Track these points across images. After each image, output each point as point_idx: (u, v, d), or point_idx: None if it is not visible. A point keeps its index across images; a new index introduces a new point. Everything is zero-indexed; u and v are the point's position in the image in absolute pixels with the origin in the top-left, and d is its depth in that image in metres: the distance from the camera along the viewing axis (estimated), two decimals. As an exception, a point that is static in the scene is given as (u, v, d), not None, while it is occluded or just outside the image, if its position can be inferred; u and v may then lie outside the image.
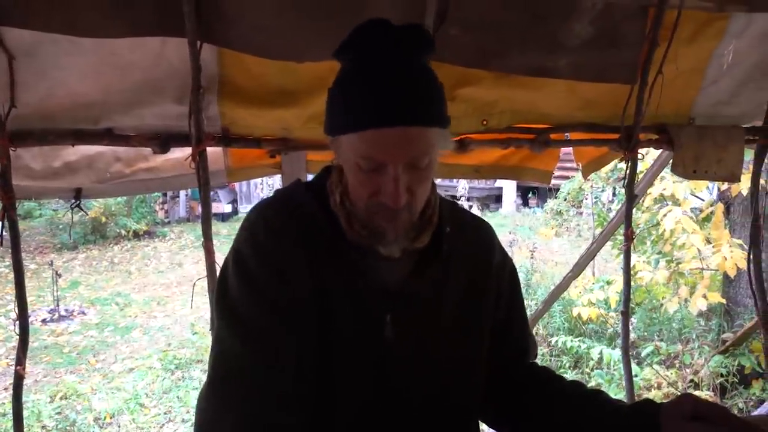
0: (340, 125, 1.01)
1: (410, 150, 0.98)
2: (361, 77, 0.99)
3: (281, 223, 1.08)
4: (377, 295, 1.10)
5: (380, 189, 1.01)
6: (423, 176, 1.03)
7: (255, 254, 1.06)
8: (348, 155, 1.02)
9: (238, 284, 1.05)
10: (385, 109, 0.95)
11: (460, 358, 1.16)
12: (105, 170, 2.14)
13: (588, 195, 7.10)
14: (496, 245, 1.27)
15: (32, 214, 12.20)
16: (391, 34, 1.00)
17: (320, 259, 1.07)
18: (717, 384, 4.54)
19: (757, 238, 2.72)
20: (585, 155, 2.62)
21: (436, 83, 1.03)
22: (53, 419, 4.71)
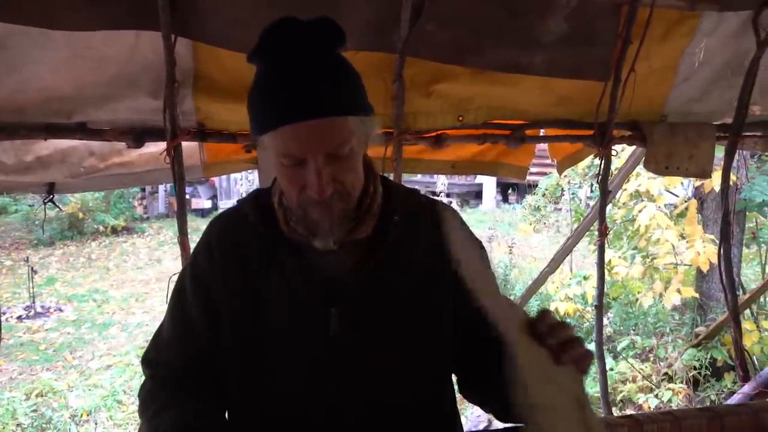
0: (257, 126, 1.03)
1: (325, 142, 1.00)
2: (270, 77, 1.01)
3: (218, 239, 1.18)
4: (320, 289, 1.11)
5: (306, 184, 1.02)
6: (348, 165, 1.04)
7: (191, 265, 1.21)
8: (271, 154, 1.05)
9: (175, 287, 1.23)
10: (293, 104, 0.97)
11: (414, 346, 1.14)
12: (78, 165, 2.12)
13: (565, 191, 7.17)
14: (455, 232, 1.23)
15: (7, 209, 11.99)
16: (298, 31, 1.01)
17: (257, 265, 1.13)
18: (690, 377, 4.62)
19: (728, 233, 2.78)
20: (560, 151, 2.65)
21: (349, 72, 1.04)
22: (29, 417, 4.65)
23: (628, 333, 5.47)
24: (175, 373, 1.19)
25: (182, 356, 1.19)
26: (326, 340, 1.10)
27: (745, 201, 4.61)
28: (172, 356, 1.19)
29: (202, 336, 1.17)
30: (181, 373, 1.18)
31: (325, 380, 1.12)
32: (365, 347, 1.12)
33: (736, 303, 2.80)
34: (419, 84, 2.18)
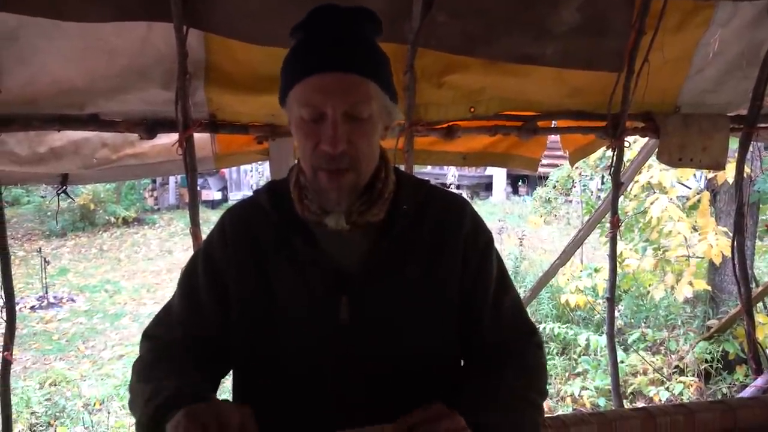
0: (285, 84, 1.08)
1: (347, 96, 1.03)
2: (305, 43, 1.07)
3: (232, 227, 1.20)
4: (331, 278, 1.12)
5: (321, 140, 1.05)
6: (364, 129, 1.06)
7: (204, 250, 1.22)
8: (294, 113, 1.08)
9: (186, 270, 1.24)
10: (323, 56, 1.03)
11: (421, 335, 1.15)
12: (91, 156, 2.13)
13: (576, 183, 7.13)
14: (466, 220, 1.21)
15: (20, 201, 12.08)
16: (341, 13, 1.07)
17: (270, 252, 1.15)
18: (702, 370, 4.60)
19: (741, 225, 2.75)
20: (572, 143, 2.64)
21: (380, 52, 1.10)
22: (42, 405, 4.71)
23: (639, 325, 5.45)
24: (180, 350, 1.18)
25: (190, 336, 1.19)
26: (335, 328, 1.12)
27: (758, 193, 4.57)
28: (180, 335, 1.19)
29: (212, 319, 1.18)
30: (187, 351, 1.18)
31: (334, 367, 1.13)
32: (374, 335, 1.13)
33: (749, 295, 2.78)
34: (431, 75, 2.18)
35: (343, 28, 1.07)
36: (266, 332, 1.15)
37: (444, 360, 1.20)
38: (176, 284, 1.26)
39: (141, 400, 1.06)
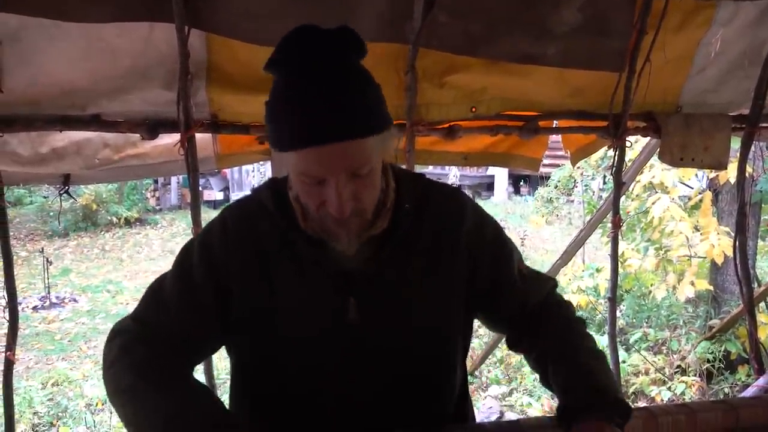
0: (275, 142, 1.02)
1: (346, 163, 0.99)
2: (288, 93, 0.99)
3: (235, 225, 1.16)
4: (337, 280, 1.11)
5: (326, 201, 1.02)
6: (367, 183, 1.04)
7: (201, 252, 1.16)
8: (292, 171, 1.05)
9: (175, 272, 1.17)
10: (313, 127, 0.96)
11: (427, 334, 1.16)
12: (93, 156, 2.14)
13: (578, 183, 7.12)
14: (467, 213, 1.21)
15: (22, 201, 12.09)
16: (317, 42, 0.99)
17: (274, 253, 1.13)
18: (703, 369, 4.59)
19: (743, 225, 2.75)
20: (573, 143, 2.64)
21: (369, 86, 1.02)
22: (45, 405, 4.71)
23: (641, 325, 5.44)
24: (171, 345, 1.12)
25: (185, 331, 1.14)
26: (343, 330, 1.12)
27: (761, 193, 4.56)
28: (174, 328, 1.14)
29: (208, 315, 1.15)
30: (178, 348, 1.13)
31: (341, 369, 1.14)
32: (381, 336, 1.14)
33: (751, 295, 2.78)
34: (432, 75, 2.18)
35: (330, 69, 0.97)
36: (270, 333, 1.14)
37: (447, 356, 1.21)
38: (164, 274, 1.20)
39: (160, 413, 1.02)
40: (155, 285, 1.19)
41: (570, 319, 1.27)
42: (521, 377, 4.85)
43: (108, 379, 1.10)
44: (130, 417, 1.05)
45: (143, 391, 1.05)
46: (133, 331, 1.14)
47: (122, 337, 1.14)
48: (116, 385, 1.08)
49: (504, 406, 4.51)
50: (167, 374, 1.08)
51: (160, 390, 1.05)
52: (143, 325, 1.14)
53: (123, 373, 1.08)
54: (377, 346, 1.14)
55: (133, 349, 1.11)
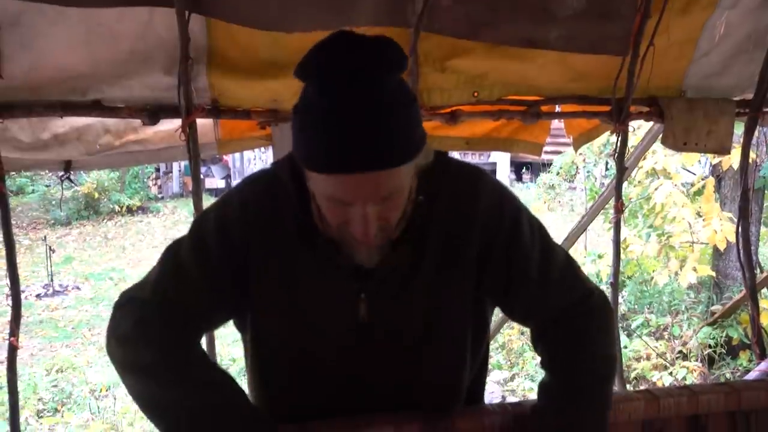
0: (302, 160, 0.96)
1: (377, 192, 0.94)
2: (321, 108, 0.91)
3: (257, 200, 1.11)
4: (350, 275, 1.09)
5: (349, 221, 0.98)
6: (395, 204, 0.99)
7: (218, 228, 1.12)
8: (314, 187, 0.99)
9: (191, 249, 1.12)
10: (346, 154, 0.89)
11: (437, 328, 1.14)
12: (94, 142, 2.13)
13: (580, 169, 7.10)
14: (483, 196, 1.12)
15: (24, 190, 12.12)
16: (356, 53, 0.92)
17: (292, 239, 1.09)
18: (705, 355, 4.61)
19: (746, 210, 2.74)
20: (576, 128, 2.62)
21: (408, 108, 0.95)
22: (49, 392, 4.76)
23: (643, 311, 5.45)
24: (187, 316, 1.09)
25: (200, 302, 1.11)
26: (355, 326, 1.11)
27: (764, 179, 4.55)
28: (190, 298, 1.10)
29: (224, 290, 1.11)
30: (193, 319, 1.11)
31: (351, 361, 1.14)
32: (393, 333, 1.13)
33: (753, 280, 2.77)
34: (434, 59, 2.16)
35: (367, 87, 0.90)
36: (283, 319, 1.13)
37: (459, 350, 1.18)
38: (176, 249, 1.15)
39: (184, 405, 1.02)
40: (171, 251, 1.14)
41: (583, 349, 1.15)
42: (523, 362, 4.88)
43: (122, 351, 1.08)
44: (147, 399, 1.05)
45: (165, 377, 1.04)
46: (148, 300, 1.10)
47: (136, 306, 1.10)
48: (133, 360, 1.06)
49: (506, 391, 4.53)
50: (189, 359, 1.07)
51: (183, 380, 1.04)
52: (159, 294, 1.10)
53: (142, 350, 1.05)
54: (386, 343, 1.13)
55: (150, 322, 1.07)
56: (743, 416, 1.36)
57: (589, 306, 1.17)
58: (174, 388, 1.03)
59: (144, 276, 1.16)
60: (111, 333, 1.10)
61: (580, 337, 1.15)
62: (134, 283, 1.17)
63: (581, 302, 1.16)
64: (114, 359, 1.09)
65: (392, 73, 0.95)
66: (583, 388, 1.13)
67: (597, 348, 1.16)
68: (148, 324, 1.07)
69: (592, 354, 1.15)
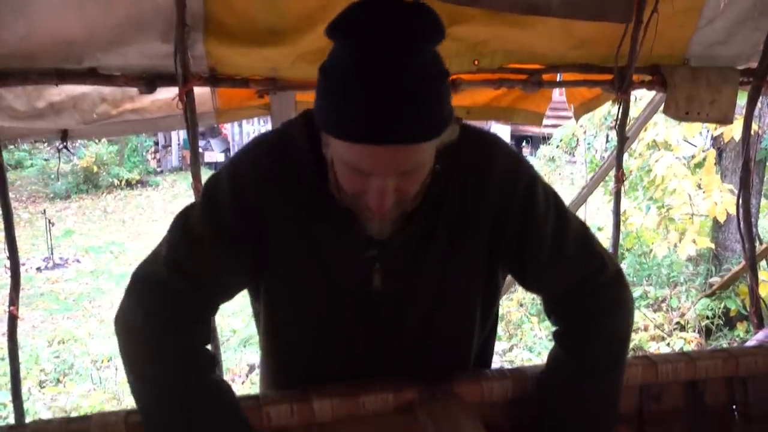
0: (325, 124, 0.93)
1: (400, 165, 0.91)
2: (351, 72, 0.87)
3: (268, 163, 1.06)
4: (365, 245, 1.07)
5: (366, 191, 0.95)
6: (415, 178, 0.96)
7: (231, 189, 1.07)
8: (334, 153, 0.95)
9: (203, 213, 1.08)
10: (374, 124, 0.86)
11: (449, 296, 1.14)
12: (91, 111, 2.11)
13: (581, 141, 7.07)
14: (498, 164, 1.09)
15: (23, 164, 12.07)
16: (393, 18, 0.86)
17: (306, 207, 1.06)
18: (702, 326, 4.64)
19: (748, 181, 2.73)
20: (577, 97, 2.60)
21: (441, 81, 0.92)
22: (51, 362, 4.80)
23: (641, 284, 5.47)
24: (203, 292, 1.07)
25: (217, 273, 1.08)
26: (368, 295, 1.10)
27: (765, 150, 4.53)
28: (206, 271, 1.06)
29: (240, 258, 1.08)
30: (209, 293, 1.09)
31: (364, 331, 1.14)
32: (405, 301, 1.12)
33: (753, 250, 2.77)
34: (434, 26, 2.13)
35: (402, 55, 0.85)
36: (298, 287, 1.12)
37: (470, 318, 1.19)
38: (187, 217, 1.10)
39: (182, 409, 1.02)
40: (181, 219, 1.10)
41: (596, 329, 1.13)
42: (521, 333, 4.91)
43: (129, 349, 1.06)
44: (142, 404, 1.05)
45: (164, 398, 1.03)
46: (162, 279, 1.06)
47: (148, 289, 1.07)
48: (135, 364, 1.06)
49: (504, 362, 4.57)
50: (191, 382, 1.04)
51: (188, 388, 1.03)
52: (172, 269, 1.05)
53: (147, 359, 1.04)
54: (398, 311, 1.13)
55: (161, 316, 1.04)
56: (740, 382, 1.37)
57: (604, 279, 1.13)
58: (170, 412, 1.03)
59: (156, 247, 1.12)
60: (122, 322, 1.08)
61: (594, 314, 1.13)
62: (146, 256, 1.13)
63: (596, 274, 1.13)
64: (121, 352, 1.08)
65: (430, 43, 0.90)
66: (596, 373, 1.13)
67: (610, 328, 1.14)
68: (158, 319, 1.04)
69: (605, 334, 1.14)
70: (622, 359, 1.17)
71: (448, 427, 1.12)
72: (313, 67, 0.98)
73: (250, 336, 4.91)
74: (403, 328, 1.15)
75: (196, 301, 1.07)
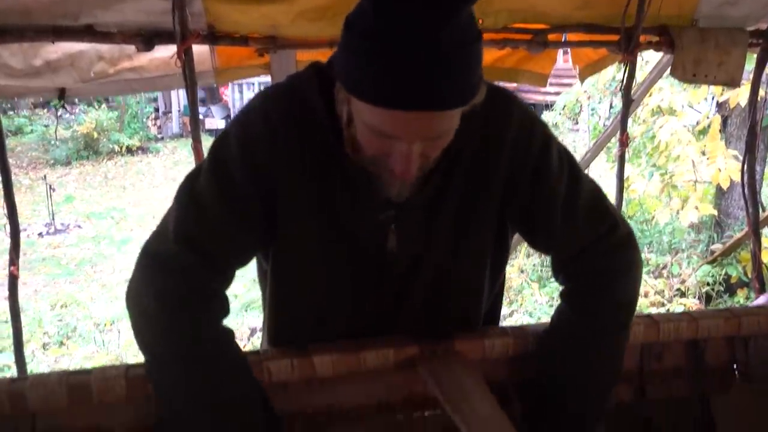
0: (350, 84, 0.87)
1: (428, 132, 0.88)
2: (384, 37, 0.81)
3: (279, 120, 1.01)
4: (381, 205, 1.03)
5: (389, 154, 0.91)
6: (441, 143, 0.93)
7: (240, 147, 1.02)
8: (357, 114, 0.91)
9: (210, 177, 1.02)
10: (405, 88, 0.81)
11: (461, 255, 1.12)
12: (88, 70, 2.08)
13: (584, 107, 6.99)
14: (513, 121, 1.06)
15: (23, 130, 12.00)
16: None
17: (319, 166, 1.02)
18: (703, 293, 4.65)
19: (753, 145, 2.70)
20: (583, 58, 2.55)
21: (476, 45, 0.86)
22: (54, 326, 4.83)
23: (643, 251, 5.48)
24: (217, 266, 1.03)
25: (229, 243, 1.03)
26: (382, 256, 1.08)
27: (770, 117, 4.48)
28: (218, 242, 1.02)
29: (252, 223, 1.04)
30: (223, 266, 1.04)
31: (375, 292, 1.13)
32: (418, 261, 1.11)
33: (757, 215, 2.76)
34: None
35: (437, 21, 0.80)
36: (311, 250, 1.09)
37: (479, 279, 1.17)
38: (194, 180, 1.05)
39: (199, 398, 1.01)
40: (187, 186, 1.05)
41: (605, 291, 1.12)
42: (522, 299, 4.93)
43: (143, 328, 1.03)
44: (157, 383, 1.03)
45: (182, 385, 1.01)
46: (171, 254, 1.00)
47: (158, 266, 1.02)
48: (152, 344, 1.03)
49: (505, 327, 4.60)
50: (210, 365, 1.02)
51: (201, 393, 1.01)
52: (182, 242, 1.00)
53: (162, 340, 1.01)
54: (410, 271, 1.11)
55: (172, 295, 0.99)
56: (742, 342, 1.37)
57: (615, 240, 1.12)
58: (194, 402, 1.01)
59: (163, 217, 1.06)
60: (133, 302, 1.03)
61: (603, 274, 1.12)
62: (154, 230, 1.07)
63: (607, 235, 1.11)
64: (134, 329, 1.04)
65: (468, 2, 0.83)
66: (602, 332, 1.13)
67: (619, 289, 1.14)
68: (171, 301, 1.00)
69: (614, 295, 1.13)
70: (628, 320, 1.17)
71: (448, 383, 1.12)
72: (314, 26, 0.94)
73: (251, 300, 4.93)
74: (415, 288, 1.13)
75: (210, 277, 1.03)
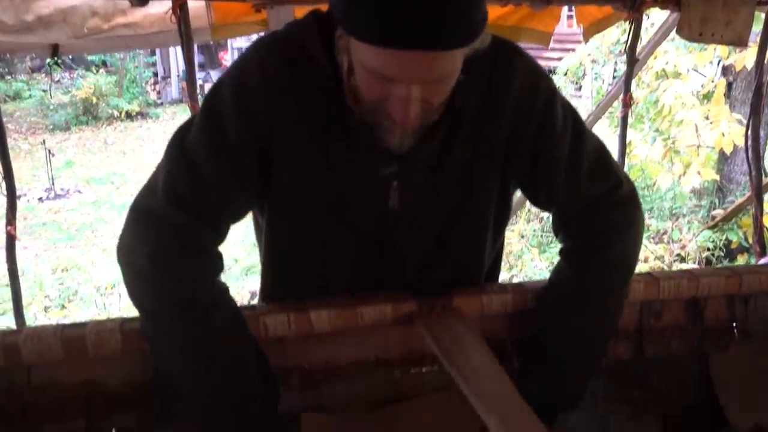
0: (348, 24, 0.84)
1: (428, 73, 0.85)
2: None
3: (277, 69, 0.97)
4: (384, 161, 1.01)
5: (389, 98, 0.88)
6: (442, 89, 0.90)
7: (235, 96, 0.97)
8: (356, 57, 0.88)
9: (202, 128, 0.98)
10: (406, 26, 0.79)
11: (464, 212, 1.10)
12: (81, 25, 2.04)
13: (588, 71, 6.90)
14: (517, 75, 1.03)
15: (21, 95, 11.89)
16: None
17: (319, 118, 0.98)
18: (703, 258, 4.65)
19: (758, 107, 2.66)
20: (587, 16, 2.50)
21: None
22: (56, 289, 4.85)
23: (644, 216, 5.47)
24: (208, 223, 0.98)
25: (221, 199, 0.99)
26: (384, 213, 1.06)
27: (777, 81, 4.41)
28: (210, 197, 0.97)
29: (246, 178, 1.00)
30: (215, 224, 1.00)
31: (376, 249, 1.11)
32: (420, 218, 1.09)
33: (760, 179, 2.74)
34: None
35: None
36: (311, 207, 1.05)
37: (481, 237, 1.15)
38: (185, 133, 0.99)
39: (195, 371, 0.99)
40: (177, 139, 1.00)
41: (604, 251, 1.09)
42: (522, 264, 4.94)
43: (137, 292, 1.01)
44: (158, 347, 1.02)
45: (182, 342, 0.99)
46: (162, 211, 0.96)
47: (149, 224, 0.98)
48: (148, 306, 1.00)
49: (504, 292, 4.62)
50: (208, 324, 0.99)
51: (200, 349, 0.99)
52: (172, 199, 0.96)
53: (158, 301, 0.98)
54: (413, 228, 1.09)
55: (165, 253, 0.96)
56: (742, 300, 1.36)
57: (618, 198, 1.09)
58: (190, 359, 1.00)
59: (153, 172, 1.01)
60: (125, 260, 1.00)
61: (604, 232, 1.09)
62: (144, 185, 1.02)
63: (610, 192, 1.08)
64: (127, 287, 1.02)
65: None
66: (600, 290, 1.11)
67: (620, 247, 1.11)
68: (163, 260, 0.96)
69: (614, 253, 1.10)
70: (627, 278, 1.15)
71: (446, 339, 1.11)
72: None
73: (252, 264, 4.94)
74: (417, 246, 1.12)
75: (201, 235, 0.99)
